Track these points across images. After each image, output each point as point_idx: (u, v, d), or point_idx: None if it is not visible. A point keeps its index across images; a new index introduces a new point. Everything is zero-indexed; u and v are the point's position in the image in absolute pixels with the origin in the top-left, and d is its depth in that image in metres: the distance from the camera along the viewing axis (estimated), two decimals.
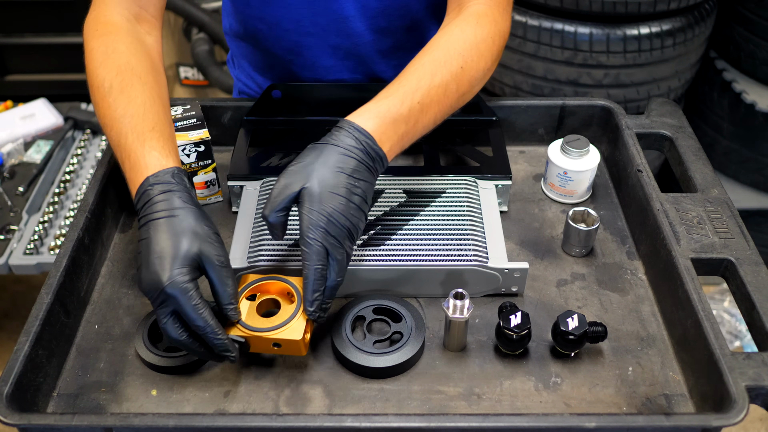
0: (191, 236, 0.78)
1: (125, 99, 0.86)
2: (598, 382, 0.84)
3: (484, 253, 0.91)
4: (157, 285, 0.75)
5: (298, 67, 1.15)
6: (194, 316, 0.76)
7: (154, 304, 0.77)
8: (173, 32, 2.40)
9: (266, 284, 0.87)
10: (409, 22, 1.10)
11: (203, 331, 0.77)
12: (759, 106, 2.03)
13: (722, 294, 2.25)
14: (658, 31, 1.79)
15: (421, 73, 0.88)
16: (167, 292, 0.75)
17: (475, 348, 0.87)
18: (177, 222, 0.78)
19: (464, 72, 0.90)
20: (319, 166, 0.80)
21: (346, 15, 1.07)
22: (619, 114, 1.12)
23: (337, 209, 0.79)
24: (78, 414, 0.75)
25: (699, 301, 0.83)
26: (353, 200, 0.80)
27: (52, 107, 1.89)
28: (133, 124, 0.84)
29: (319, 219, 0.78)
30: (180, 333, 0.77)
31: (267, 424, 0.73)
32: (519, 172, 1.14)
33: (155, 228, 0.78)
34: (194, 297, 0.76)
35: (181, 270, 0.76)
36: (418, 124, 0.87)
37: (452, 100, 0.90)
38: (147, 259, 0.77)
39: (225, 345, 0.78)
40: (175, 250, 0.76)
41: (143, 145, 0.83)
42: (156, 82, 0.90)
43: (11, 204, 1.63)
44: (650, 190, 0.98)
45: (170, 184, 0.80)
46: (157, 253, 0.76)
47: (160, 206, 0.79)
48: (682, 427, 0.74)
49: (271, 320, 0.83)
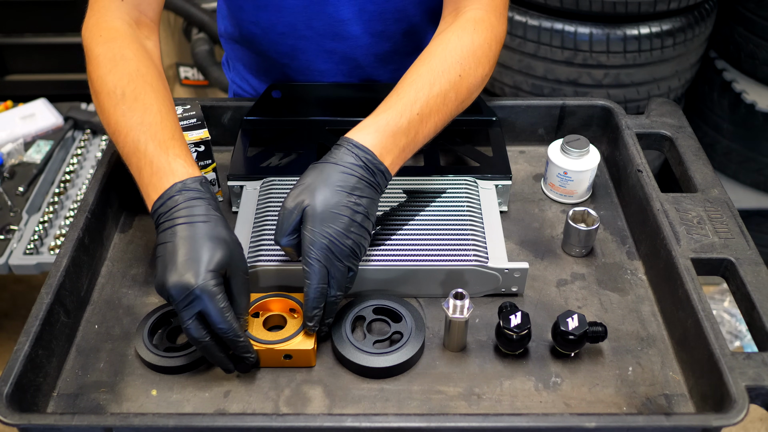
0: (223, 243, 0.79)
1: (141, 107, 0.85)
2: (598, 382, 0.84)
3: (484, 253, 0.91)
4: (187, 287, 0.76)
5: (293, 71, 1.15)
6: (220, 319, 0.77)
7: (180, 305, 0.77)
8: (173, 32, 2.40)
9: (269, 302, 0.88)
10: (405, 26, 1.10)
11: (227, 334, 0.78)
12: (759, 106, 2.03)
13: (722, 294, 2.25)
14: (658, 31, 1.79)
15: (420, 84, 0.88)
16: (196, 294, 0.76)
17: (475, 348, 0.87)
18: (209, 228, 0.79)
19: (462, 80, 0.91)
20: (320, 186, 0.81)
21: (342, 18, 1.06)
22: (619, 114, 1.12)
23: (339, 228, 0.80)
24: (78, 414, 0.75)
25: (699, 301, 0.83)
26: (355, 219, 0.81)
27: (52, 107, 1.89)
28: (153, 132, 0.84)
29: (321, 239, 0.79)
30: (204, 335, 0.78)
31: (267, 424, 0.73)
32: (519, 172, 1.14)
33: (185, 231, 0.78)
34: (222, 300, 0.77)
35: (212, 273, 0.77)
36: (418, 135, 0.88)
37: (451, 109, 0.91)
38: (175, 260, 0.77)
39: (247, 347, 0.80)
40: (210, 255, 0.77)
41: (167, 152, 0.82)
42: (165, 90, 0.90)
43: (11, 204, 1.63)
44: (650, 190, 0.98)
45: (199, 192, 0.81)
46: (189, 255, 0.77)
47: (190, 211, 0.79)
48: (682, 427, 0.74)
49: (279, 333, 0.85)
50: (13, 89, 2.60)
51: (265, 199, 0.99)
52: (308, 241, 0.79)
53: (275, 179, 1.02)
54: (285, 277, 0.91)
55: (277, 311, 0.88)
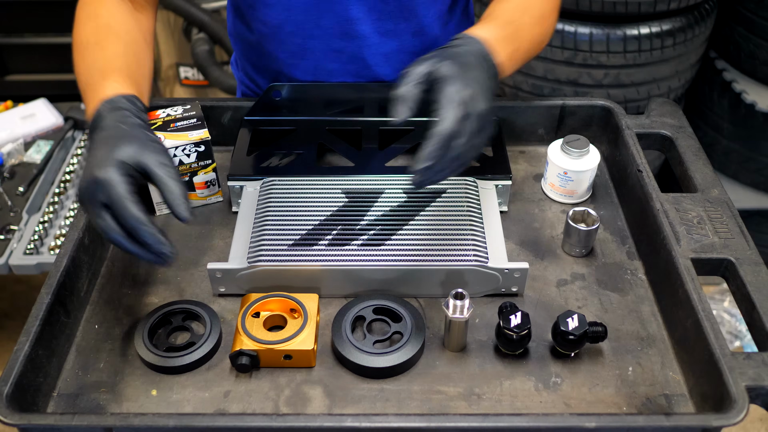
0: (134, 139, 0.79)
1: (99, 50, 0.92)
2: (598, 382, 0.84)
3: (484, 253, 0.91)
4: (92, 180, 0.76)
5: (301, 71, 1.15)
6: (121, 206, 0.75)
7: (89, 205, 0.77)
8: (173, 32, 2.40)
9: (269, 302, 0.88)
10: (414, 25, 1.11)
11: (129, 221, 0.76)
12: (759, 106, 2.03)
13: (722, 294, 2.25)
14: (658, 31, 1.79)
15: (511, 12, 0.95)
16: (99, 182, 0.76)
17: (475, 348, 0.87)
18: (120, 132, 0.80)
19: (543, 19, 1.00)
20: (452, 58, 0.82)
21: (351, 17, 1.07)
22: (619, 114, 1.12)
23: (477, 90, 0.80)
24: (78, 414, 0.75)
25: (699, 301, 0.83)
26: (484, 87, 0.81)
27: (52, 107, 1.89)
28: (100, 66, 0.90)
29: (464, 91, 0.79)
30: (113, 229, 0.76)
31: (267, 424, 0.73)
32: (519, 172, 1.14)
33: (97, 142, 0.80)
34: (127, 192, 0.76)
35: (117, 164, 0.77)
36: (519, 50, 0.93)
37: (538, 39, 0.99)
38: (85, 167, 0.79)
39: (156, 237, 0.76)
40: (113, 153, 0.78)
41: (105, 78, 0.87)
42: (134, 41, 0.95)
43: (11, 204, 1.63)
44: (650, 190, 0.98)
45: (120, 105, 0.83)
46: (97, 158, 0.78)
47: (106, 122, 0.82)
48: (682, 427, 0.74)
49: (279, 334, 0.85)
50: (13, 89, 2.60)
51: (265, 199, 0.99)
52: (451, 88, 0.78)
53: (275, 179, 1.02)
54: (285, 277, 0.91)
55: (277, 311, 0.88)
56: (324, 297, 0.93)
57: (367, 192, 0.99)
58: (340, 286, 0.92)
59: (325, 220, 0.95)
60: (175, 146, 1.00)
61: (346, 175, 1.03)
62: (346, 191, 1.00)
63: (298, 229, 0.94)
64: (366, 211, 0.97)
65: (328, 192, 1.00)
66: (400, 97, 0.79)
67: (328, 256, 0.91)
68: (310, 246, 0.92)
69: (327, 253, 0.91)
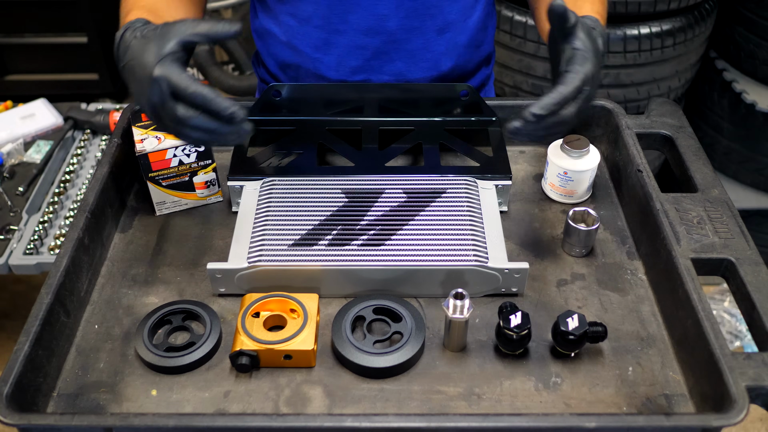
0: (172, 30, 0.79)
1: None
2: (598, 382, 0.84)
3: (484, 253, 0.91)
4: (148, 71, 0.76)
5: (325, 67, 1.16)
6: (188, 84, 0.76)
7: (150, 97, 0.77)
8: None
9: (268, 302, 0.88)
10: (440, 22, 1.12)
11: (203, 99, 0.76)
12: (759, 106, 2.03)
13: (722, 294, 2.25)
14: (658, 31, 1.79)
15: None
16: (157, 79, 0.76)
17: (475, 348, 0.87)
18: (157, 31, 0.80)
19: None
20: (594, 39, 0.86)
21: (380, 13, 1.08)
22: (619, 114, 1.12)
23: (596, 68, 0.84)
24: (78, 414, 0.76)
25: (699, 301, 0.83)
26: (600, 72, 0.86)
27: (52, 107, 1.89)
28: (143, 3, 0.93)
29: (592, 69, 0.82)
30: (193, 115, 0.77)
31: (267, 424, 0.73)
32: (519, 172, 1.14)
33: (135, 47, 0.80)
34: (185, 73, 0.77)
35: (170, 52, 0.77)
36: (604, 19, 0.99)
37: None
38: (135, 83, 0.79)
39: (229, 105, 0.76)
40: (159, 45, 0.78)
41: (127, 17, 0.89)
42: None
43: (11, 204, 1.63)
44: (650, 190, 0.98)
45: (145, 23, 0.84)
46: (140, 66, 0.78)
47: (142, 32, 0.82)
48: (682, 427, 0.74)
49: (279, 333, 0.85)
50: (13, 89, 2.60)
51: (265, 199, 0.99)
52: (588, 65, 0.81)
53: (275, 179, 1.02)
54: (285, 278, 0.91)
55: (277, 311, 0.88)
56: (324, 297, 0.93)
57: (367, 192, 0.99)
58: (340, 286, 0.92)
59: (325, 220, 0.95)
60: (174, 146, 1.00)
61: (346, 175, 1.03)
62: (346, 191, 1.00)
63: (298, 229, 0.94)
64: (366, 211, 0.97)
65: (328, 192, 1.00)
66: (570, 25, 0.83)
67: (328, 256, 0.91)
68: (310, 246, 0.92)
69: (327, 253, 0.91)
